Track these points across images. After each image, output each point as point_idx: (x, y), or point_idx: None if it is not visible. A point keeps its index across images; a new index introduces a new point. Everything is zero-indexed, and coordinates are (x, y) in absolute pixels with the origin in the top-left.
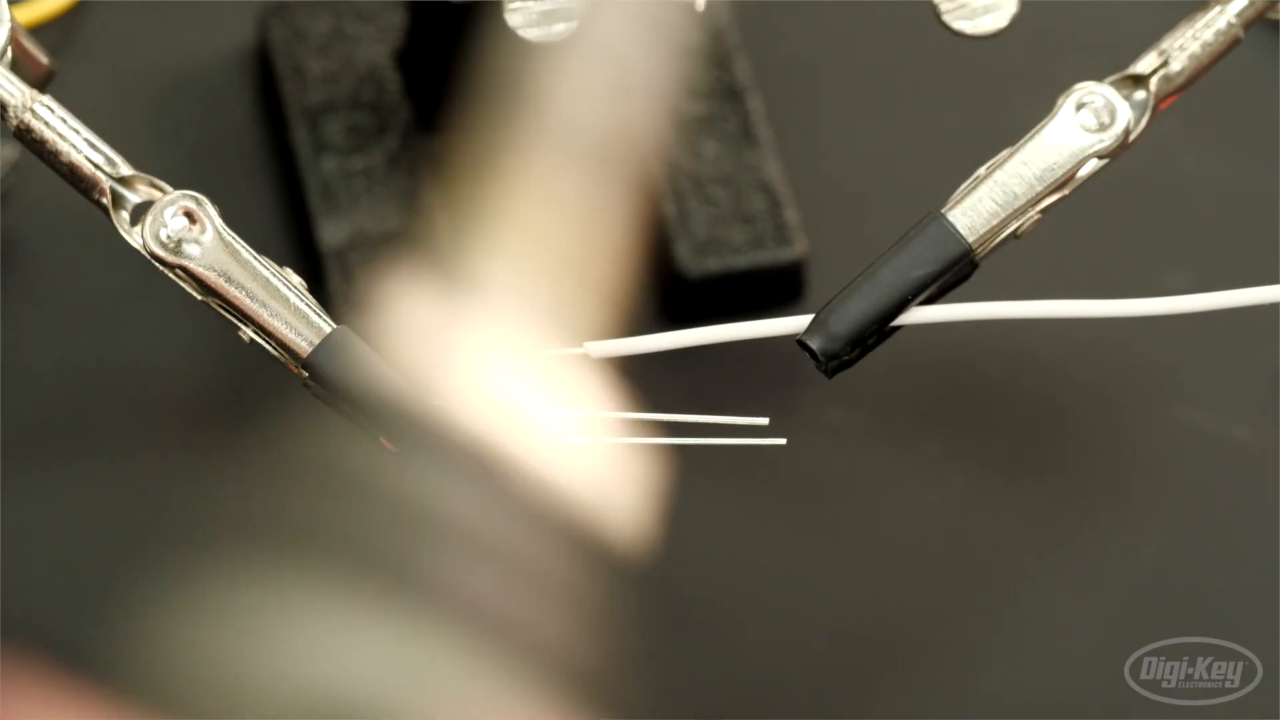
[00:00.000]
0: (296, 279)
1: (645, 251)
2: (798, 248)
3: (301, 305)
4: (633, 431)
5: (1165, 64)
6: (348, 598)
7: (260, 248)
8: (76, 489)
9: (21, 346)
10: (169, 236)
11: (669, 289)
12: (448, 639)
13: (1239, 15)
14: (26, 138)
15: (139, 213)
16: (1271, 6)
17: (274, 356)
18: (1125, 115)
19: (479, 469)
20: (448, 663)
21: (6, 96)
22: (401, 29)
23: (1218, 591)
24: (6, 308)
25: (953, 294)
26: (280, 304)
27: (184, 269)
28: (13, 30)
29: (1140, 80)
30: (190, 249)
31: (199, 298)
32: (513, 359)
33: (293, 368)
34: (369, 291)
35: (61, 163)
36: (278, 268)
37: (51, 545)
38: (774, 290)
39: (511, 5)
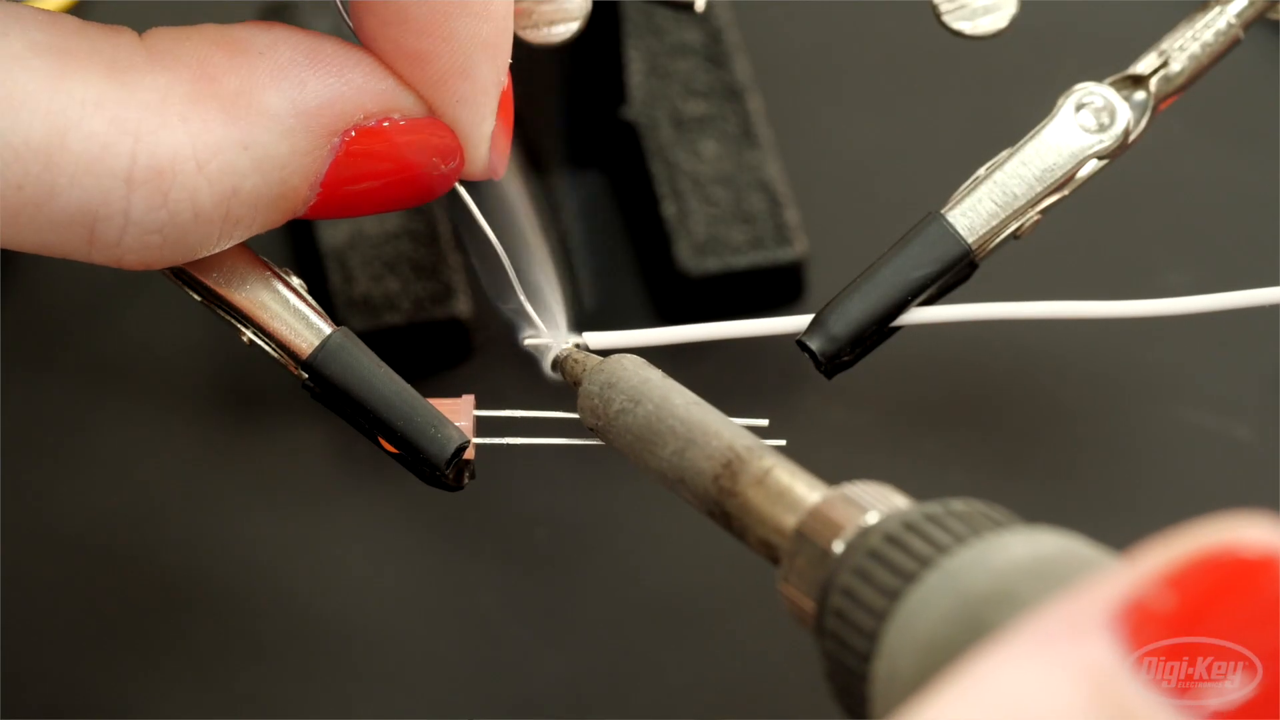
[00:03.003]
0: (296, 280)
1: (645, 251)
2: (798, 248)
3: (301, 306)
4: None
5: (1165, 64)
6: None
7: (260, 248)
8: (76, 488)
9: (21, 345)
10: None
11: (669, 288)
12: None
13: (1239, 15)
14: None
15: None
16: (1271, 6)
17: (274, 358)
18: (1125, 116)
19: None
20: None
21: None
22: None
23: None
24: (6, 307)
25: (953, 294)
26: (280, 305)
27: (184, 271)
28: None
29: (1140, 81)
30: None
31: (199, 299)
32: (512, 351)
33: (293, 369)
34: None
35: None
36: (278, 268)
37: (52, 544)
38: (774, 290)
39: None
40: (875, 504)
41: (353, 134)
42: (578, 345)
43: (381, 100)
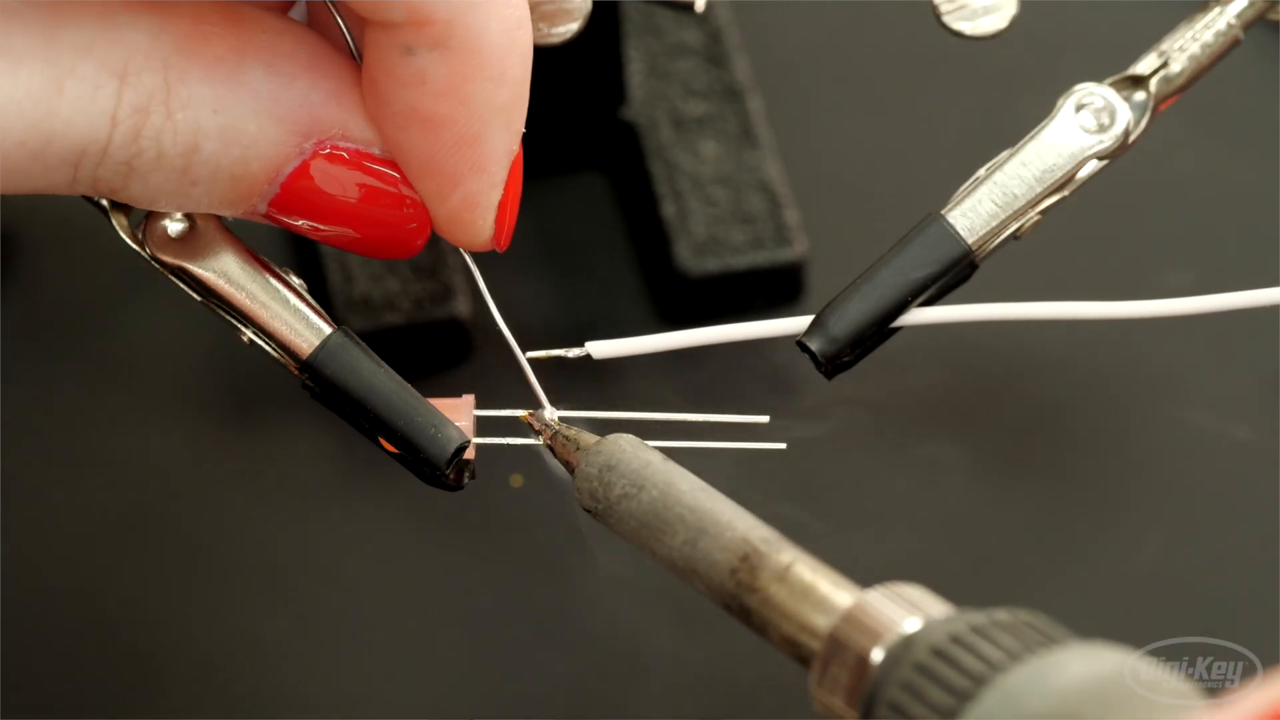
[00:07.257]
0: (297, 280)
1: (645, 251)
2: (798, 248)
3: (302, 306)
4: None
5: (1165, 65)
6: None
7: (260, 248)
8: (76, 488)
9: (21, 346)
10: (168, 238)
11: (669, 289)
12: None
13: (1238, 16)
14: None
15: (138, 214)
16: (1271, 7)
17: (274, 358)
18: (1125, 116)
19: None
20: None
21: None
22: None
23: (1218, 591)
24: (6, 307)
25: (953, 295)
26: (280, 305)
27: (184, 270)
28: None
29: (1140, 81)
30: (190, 251)
31: (199, 299)
32: (515, 358)
33: (293, 369)
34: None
35: None
36: (278, 268)
37: (52, 543)
38: (774, 290)
39: None
40: (911, 609)
41: (327, 149)
42: (583, 356)
43: (366, 132)
